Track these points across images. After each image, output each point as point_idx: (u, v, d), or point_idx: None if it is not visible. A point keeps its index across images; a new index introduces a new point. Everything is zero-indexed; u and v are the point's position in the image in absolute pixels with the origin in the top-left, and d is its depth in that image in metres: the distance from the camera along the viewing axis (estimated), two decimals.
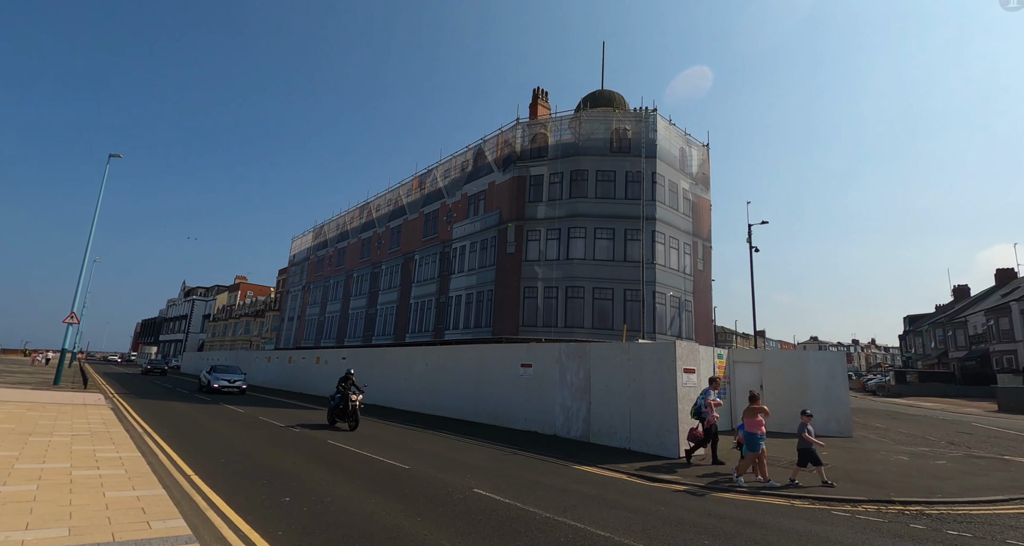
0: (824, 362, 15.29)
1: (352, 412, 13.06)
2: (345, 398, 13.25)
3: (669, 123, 27.52)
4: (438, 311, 30.44)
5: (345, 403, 13.25)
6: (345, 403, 13.25)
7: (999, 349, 41.20)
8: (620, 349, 12.47)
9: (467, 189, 30.55)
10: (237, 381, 24.28)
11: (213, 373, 24.81)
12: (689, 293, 27.23)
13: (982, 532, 5.98)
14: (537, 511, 6.23)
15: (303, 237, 51.37)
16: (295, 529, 5.23)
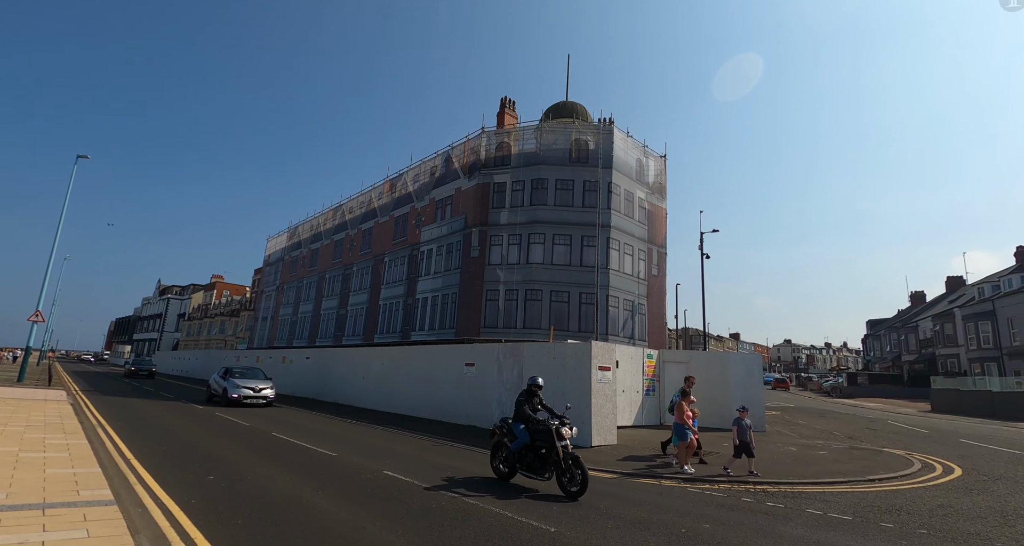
0: (742, 363, 16.65)
1: (568, 466, 7.02)
2: (549, 435, 7.26)
3: (627, 135, 28.84)
4: (406, 312, 31.36)
5: (550, 445, 7.25)
6: (550, 445, 7.25)
7: (944, 353, 43.49)
8: (547, 349, 13.61)
9: (435, 194, 31.54)
10: (264, 389, 18.52)
11: (230, 378, 18.80)
12: (643, 297, 28.57)
13: (796, 504, 7.19)
14: (430, 487, 7.27)
15: (278, 237, 51.76)
16: (207, 498, 6.20)
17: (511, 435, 7.82)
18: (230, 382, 18.54)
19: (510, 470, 7.85)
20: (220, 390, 18.81)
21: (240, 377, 19.11)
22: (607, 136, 27.57)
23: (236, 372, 19.65)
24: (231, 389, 18.12)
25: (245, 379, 18.96)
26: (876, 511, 6.87)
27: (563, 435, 7.34)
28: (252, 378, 19.30)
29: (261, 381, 19.23)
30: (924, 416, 25.48)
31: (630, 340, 26.93)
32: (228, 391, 18.12)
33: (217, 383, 19.39)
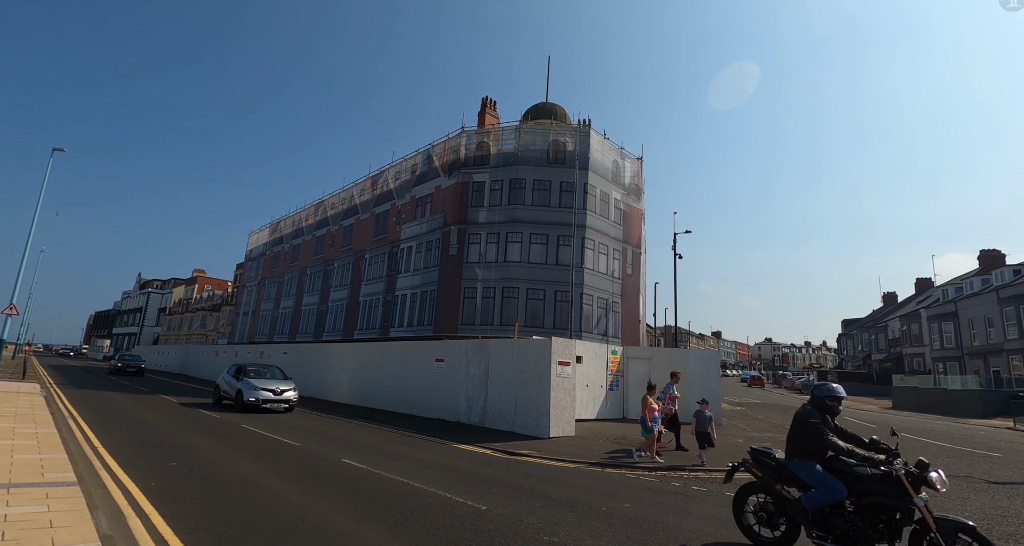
0: (701, 359, 17.41)
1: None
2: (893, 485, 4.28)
3: (603, 137, 29.47)
4: (385, 309, 31.71)
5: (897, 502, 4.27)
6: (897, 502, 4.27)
7: (910, 352, 45.00)
8: (512, 345, 14.17)
9: (416, 192, 31.89)
10: (285, 391, 15.85)
11: (245, 379, 15.99)
12: (617, 295, 29.27)
13: (718, 488, 7.84)
14: (381, 473, 7.78)
15: (260, 232, 51.64)
16: (167, 481, 6.65)
17: (794, 481, 4.88)
18: (245, 383, 15.69)
19: (790, 532, 4.88)
20: (232, 392, 16.23)
21: (256, 377, 16.29)
22: (584, 138, 28.16)
23: (251, 371, 16.68)
24: (247, 391, 15.38)
25: (263, 379, 16.20)
26: None
27: (927, 482, 4.19)
28: (271, 378, 16.68)
29: (281, 381, 16.37)
30: (882, 412, 26.58)
31: (604, 337, 27.61)
32: (244, 394, 15.37)
33: (228, 384, 16.67)
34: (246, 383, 15.72)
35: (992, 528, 6.04)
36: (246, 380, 15.87)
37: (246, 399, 15.29)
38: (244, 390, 15.51)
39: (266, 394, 15.41)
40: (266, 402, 15.36)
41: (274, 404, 15.49)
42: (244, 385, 15.68)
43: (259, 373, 16.78)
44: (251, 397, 15.27)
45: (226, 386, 16.84)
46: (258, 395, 15.33)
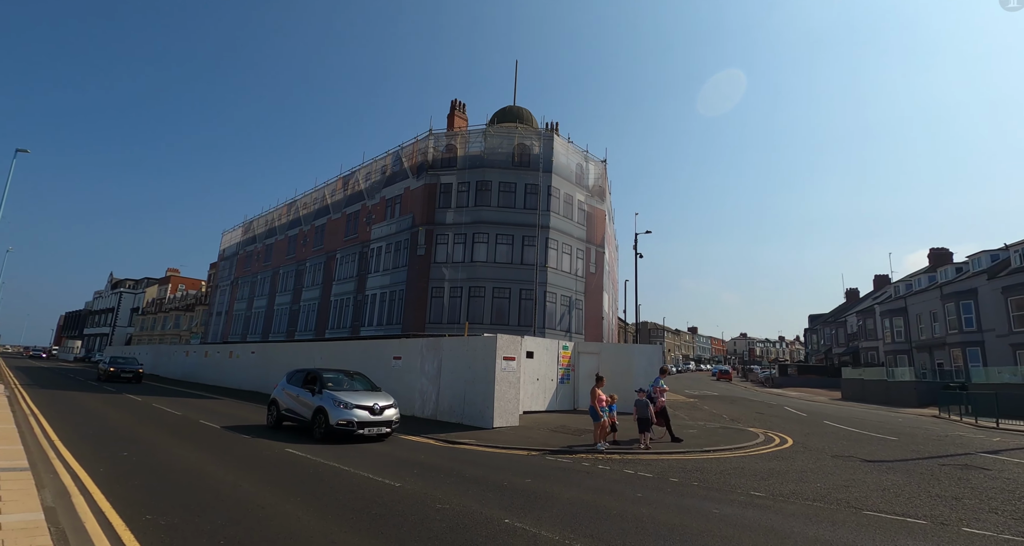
0: (644, 353, 18.51)
1: None
2: None
3: (568, 141, 30.45)
4: (356, 308, 32.28)
5: None
6: None
7: (865, 346, 47.13)
8: (462, 342, 15.04)
9: (385, 192, 32.48)
10: (387, 408, 11.30)
11: (328, 392, 11.31)
12: (580, 293, 30.31)
13: (623, 467, 8.83)
14: (321, 460, 8.58)
15: (233, 232, 51.55)
16: (115, 468, 7.35)
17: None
18: (329, 398, 10.97)
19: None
20: (305, 411, 11.49)
21: (337, 387, 11.68)
22: (548, 142, 29.09)
23: (329, 379, 11.94)
24: (335, 410, 10.66)
25: (352, 393, 11.42)
26: (676, 471, 8.57)
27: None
28: (361, 390, 11.93)
29: (374, 393, 11.83)
30: (828, 403, 28.16)
31: (567, 333, 28.64)
32: (330, 414, 10.65)
33: (296, 399, 11.96)
34: (330, 398, 10.93)
35: (830, 494, 7.10)
36: (330, 394, 11.07)
37: (334, 422, 10.54)
38: (330, 409, 10.73)
39: (362, 414, 10.72)
40: (365, 425, 10.66)
41: (375, 428, 10.81)
42: (327, 400, 10.92)
43: (337, 382, 12.00)
44: (341, 418, 10.54)
45: (291, 402, 12.14)
46: (351, 416, 10.59)
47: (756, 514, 5.95)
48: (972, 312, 33.80)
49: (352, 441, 10.65)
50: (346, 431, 10.67)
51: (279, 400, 12.68)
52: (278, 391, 12.96)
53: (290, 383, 12.73)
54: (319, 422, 10.94)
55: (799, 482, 7.83)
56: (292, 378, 12.92)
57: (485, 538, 4.84)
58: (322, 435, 10.76)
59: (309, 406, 11.40)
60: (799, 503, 6.55)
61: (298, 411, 11.86)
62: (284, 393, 12.65)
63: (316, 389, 11.50)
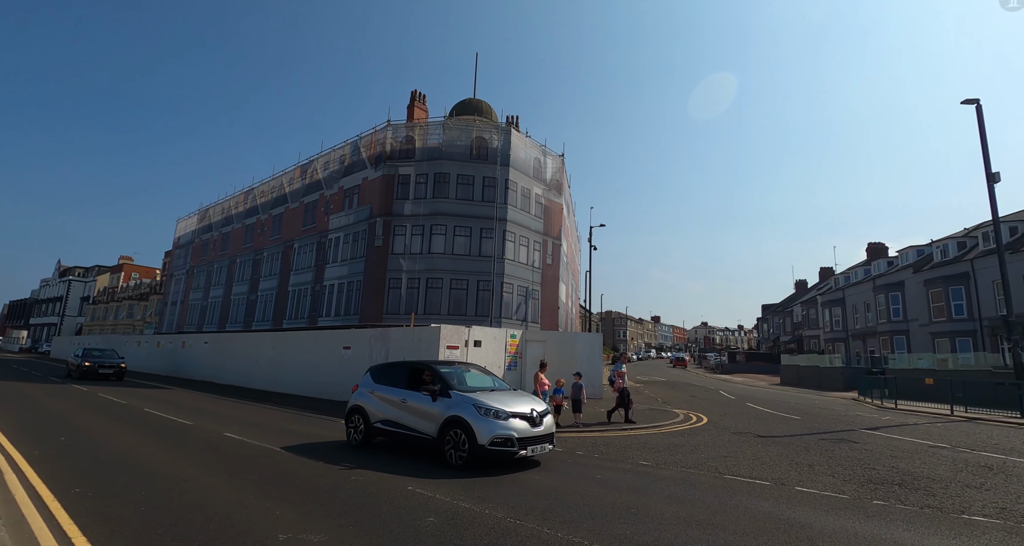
0: (587, 342, 19.60)
1: None
2: None
3: (525, 136, 31.09)
4: (313, 299, 32.33)
5: None
6: None
7: (808, 334, 50.00)
8: (409, 332, 15.69)
9: (344, 182, 32.46)
10: (544, 414, 7.93)
11: (459, 393, 7.94)
12: (537, 284, 31.23)
13: None
14: (256, 443, 9.13)
15: (188, 219, 50.29)
16: (50, 451, 7.75)
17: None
18: (467, 403, 7.65)
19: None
20: (423, 424, 8.05)
21: (468, 387, 8.44)
22: (506, 136, 29.65)
23: (451, 376, 8.53)
24: (482, 422, 7.33)
25: (490, 394, 8.09)
26: (587, 445, 9.53)
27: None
28: (499, 390, 8.60)
29: (518, 394, 8.57)
30: (764, 387, 30.12)
31: (523, 322, 29.55)
32: (477, 429, 7.26)
33: (406, 408, 8.44)
34: (469, 404, 7.56)
35: (706, 463, 8.16)
36: (465, 397, 7.74)
37: (486, 441, 7.16)
38: (474, 420, 7.30)
39: (521, 426, 7.43)
40: (527, 444, 7.40)
41: (537, 447, 7.59)
42: (464, 407, 7.53)
43: (461, 378, 8.75)
44: (497, 435, 7.18)
45: (391, 409, 8.63)
46: (509, 431, 7.28)
47: (631, 478, 6.91)
48: (899, 303, 36.45)
49: (506, 469, 7.25)
50: (503, 453, 7.12)
51: (367, 408, 8.99)
52: (362, 395, 9.29)
53: (382, 383, 9.22)
54: (456, 441, 7.35)
55: (687, 453, 8.89)
56: (383, 375, 9.42)
57: (384, 500, 5.58)
58: (465, 461, 7.17)
59: (430, 416, 7.86)
60: (675, 469, 7.56)
61: (407, 424, 8.25)
62: (376, 398, 8.99)
63: (437, 390, 7.99)
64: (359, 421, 9.11)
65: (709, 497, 6.01)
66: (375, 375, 9.68)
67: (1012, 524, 5.33)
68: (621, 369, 13.45)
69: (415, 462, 7.83)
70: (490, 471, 7.16)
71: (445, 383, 8.15)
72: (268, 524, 4.76)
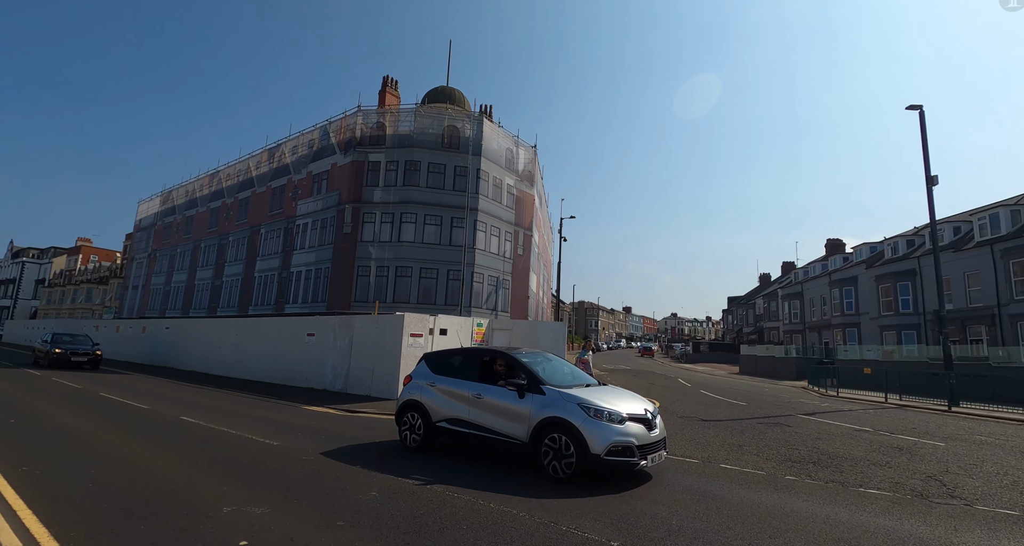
0: (551, 330, 20.13)
1: None
2: None
3: (498, 125, 31.16)
4: (280, 285, 31.94)
5: None
6: None
7: (769, 326, 51.94)
8: (372, 321, 15.84)
9: (312, 167, 31.99)
10: (656, 415, 6.64)
11: (556, 389, 6.61)
12: (508, 274, 31.58)
13: None
14: (213, 426, 9.25)
15: (150, 201, 48.71)
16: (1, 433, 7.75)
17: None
18: (570, 401, 6.35)
19: None
20: (504, 425, 6.77)
21: (561, 380, 7.20)
22: (479, 126, 29.68)
23: (536, 367, 7.19)
24: (593, 427, 6.04)
25: (586, 390, 6.85)
26: None
27: None
28: (592, 386, 7.33)
29: (617, 390, 7.33)
30: (723, 376, 31.36)
31: (493, 311, 29.90)
32: (588, 435, 5.99)
33: (481, 405, 7.08)
34: (572, 403, 6.32)
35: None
36: (567, 395, 6.47)
37: (601, 449, 5.95)
38: (583, 424, 6.07)
39: (639, 431, 6.23)
40: (648, 453, 6.25)
41: (654, 455, 6.38)
42: (567, 407, 6.29)
43: (549, 370, 7.38)
44: (615, 442, 5.99)
45: (458, 406, 7.32)
46: (628, 436, 6.08)
47: None
48: (852, 297, 38.25)
49: (616, 485, 5.93)
50: (622, 465, 5.92)
51: (427, 404, 7.62)
52: (418, 389, 7.87)
53: (444, 374, 7.76)
54: (558, 449, 6.07)
55: None
56: (445, 365, 7.95)
57: (331, 478, 5.87)
58: (571, 474, 5.94)
59: (516, 416, 6.56)
60: None
61: (483, 424, 6.90)
62: (438, 392, 7.60)
63: (523, 385, 6.65)
64: (416, 419, 7.66)
65: (640, 474, 6.50)
66: (434, 364, 8.13)
67: (899, 496, 5.98)
68: (584, 356, 13.98)
69: (494, 471, 6.49)
70: (603, 486, 5.82)
71: (534, 377, 6.73)
72: (214, 498, 5.00)
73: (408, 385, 8.20)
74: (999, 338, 27.00)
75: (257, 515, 4.59)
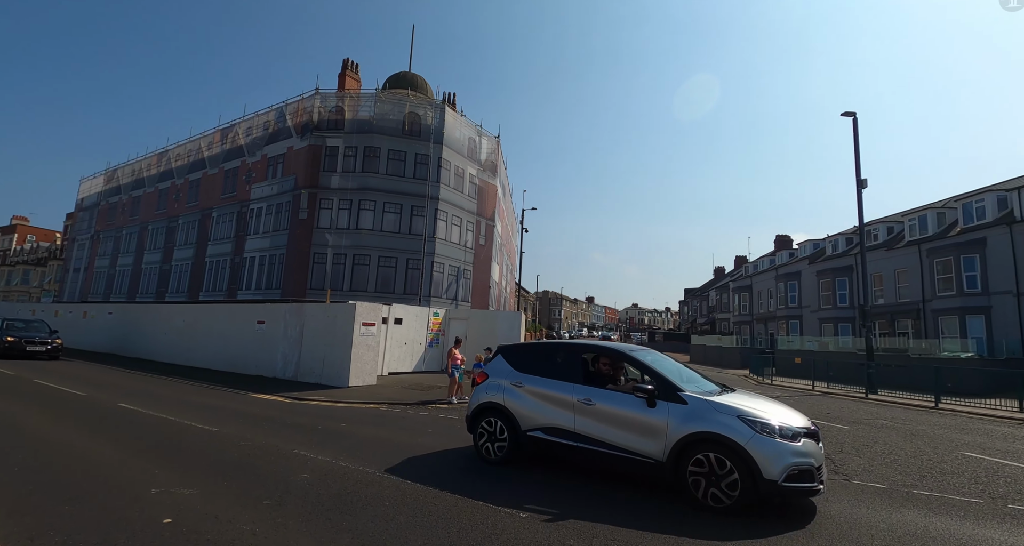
0: (508, 319, 20.60)
1: None
2: None
3: (460, 114, 31.08)
4: (233, 271, 31.11)
5: None
6: None
7: (720, 317, 54.19)
8: (324, 309, 15.83)
9: (268, 150, 31.12)
10: (816, 430, 5.44)
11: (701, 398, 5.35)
12: (469, 264, 31.78)
13: (434, 413, 10.45)
14: (153, 413, 9.19)
15: (94, 179, 46.18)
16: None
17: None
18: (726, 413, 5.12)
19: None
20: (631, 440, 5.45)
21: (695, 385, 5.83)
22: (441, 113, 29.53)
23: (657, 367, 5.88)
24: (764, 444, 4.87)
25: (741, 399, 5.54)
26: None
27: None
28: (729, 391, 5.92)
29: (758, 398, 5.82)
30: None
31: (453, 301, 30.09)
32: (761, 457, 4.79)
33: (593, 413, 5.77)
34: (728, 414, 5.11)
35: None
36: (715, 403, 5.28)
37: (777, 474, 4.77)
38: (756, 446, 4.84)
39: (814, 447, 5.17)
40: (820, 476, 5.13)
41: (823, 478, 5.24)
42: (722, 420, 5.07)
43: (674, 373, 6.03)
44: (794, 465, 4.85)
45: (564, 413, 6.01)
46: (807, 458, 4.96)
47: None
48: (796, 291, 40.41)
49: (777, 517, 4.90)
50: (801, 492, 4.92)
51: (513, 409, 6.39)
52: (499, 390, 6.63)
53: (532, 372, 6.51)
54: (714, 471, 4.92)
55: None
56: (533, 362, 6.65)
57: (265, 462, 6.08)
58: (733, 504, 4.82)
59: (647, 430, 5.37)
60: None
61: (599, 437, 5.65)
62: (528, 395, 6.36)
63: (653, 391, 5.41)
64: (498, 427, 6.43)
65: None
66: (516, 360, 6.80)
67: None
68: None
69: (610, 493, 5.36)
70: (773, 518, 4.79)
71: (665, 381, 5.55)
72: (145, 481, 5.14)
73: (484, 384, 6.86)
74: (923, 331, 29.22)
75: (185, 496, 4.77)
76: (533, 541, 4.04)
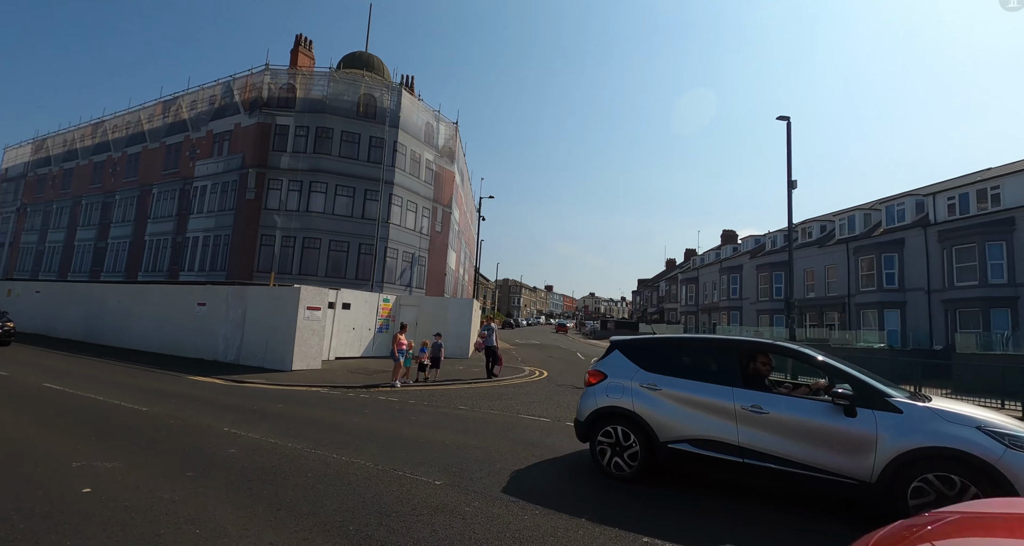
0: (458, 306, 20.96)
1: None
2: None
3: (418, 98, 30.75)
4: (174, 251, 29.85)
5: None
6: None
7: (669, 307, 56.40)
8: (268, 291, 15.66)
9: (213, 126, 29.83)
10: None
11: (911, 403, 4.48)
12: (424, 250, 31.70)
13: (390, 396, 10.71)
14: (79, 393, 9.02)
15: (19, 148, 42.88)
16: None
17: None
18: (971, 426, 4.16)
19: None
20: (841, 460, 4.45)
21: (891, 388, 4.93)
22: (397, 96, 29.11)
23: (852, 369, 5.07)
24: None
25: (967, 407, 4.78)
26: (426, 397, 10.73)
27: None
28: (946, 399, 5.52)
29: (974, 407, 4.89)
30: None
31: (407, 288, 30.00)
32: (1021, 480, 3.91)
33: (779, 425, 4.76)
34: (966, 425, 4.19)
35: (513, 406, 9.75)
36: (942, 411, 4.35)
37: None
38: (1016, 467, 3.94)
39: None
40: None
41: None
42: (959, 431, 4.15)
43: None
44: None
45: (722, 423, 5.00)
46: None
47: (431, 418, 8.25)
48: (738, 283, 42.62)
49: None
50: None
51: (649, 416, 5.39)
52: (624, 392, 5.61)
53: (665, 373, 5.52)
54: (938, 492, 4.08)
55: (506, 400, 10.48)
56: (665, 362, 5.66)
57: (194, 439, 6.21)
58: None
59: (844, 443, 4.50)
60: (484, 412, 9.02)
61: (768, 450, 4.77)
62: (667, 400, 5.38)
63: (852, 396, 4.56)
64: (628, 437, 5.44)
65: (489, 429, 7.45)
66: (641, 357, 5.79)
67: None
68: (484, 332, 15.14)
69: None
70: None
71: (867, 386, 4.66)
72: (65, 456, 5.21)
73: (599, 385, 5.81)
74: (847, 323, 31.59)
75: (107, 468, 4.90)
76: None
